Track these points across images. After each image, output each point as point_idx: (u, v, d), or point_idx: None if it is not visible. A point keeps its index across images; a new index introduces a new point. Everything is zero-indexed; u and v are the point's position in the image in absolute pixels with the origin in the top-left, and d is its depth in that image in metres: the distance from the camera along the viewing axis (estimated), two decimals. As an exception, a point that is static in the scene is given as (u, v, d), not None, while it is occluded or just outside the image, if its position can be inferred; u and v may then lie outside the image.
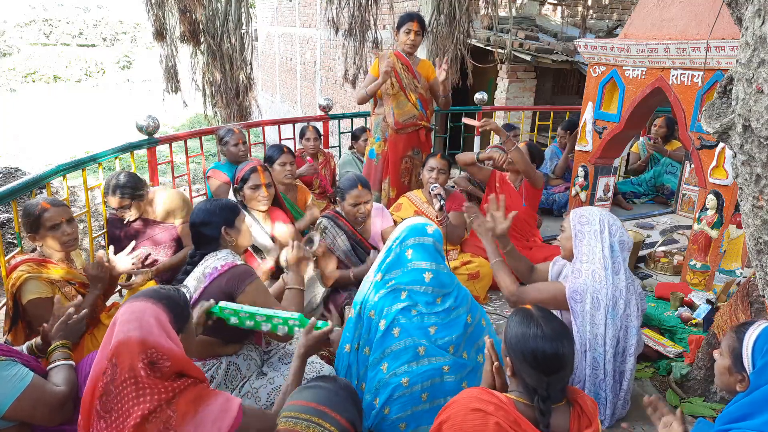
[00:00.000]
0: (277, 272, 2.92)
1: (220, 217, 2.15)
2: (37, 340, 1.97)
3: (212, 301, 1.87)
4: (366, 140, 4.66)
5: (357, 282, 2.94)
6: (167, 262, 2.95)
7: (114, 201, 2.85)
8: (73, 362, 1.86)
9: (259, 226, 2.91)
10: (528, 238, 3.71)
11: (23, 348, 1.93)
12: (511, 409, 1.47)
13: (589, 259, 2.18)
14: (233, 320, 1.86)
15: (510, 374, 1.55)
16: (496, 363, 1.67)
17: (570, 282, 2.19)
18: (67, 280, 2.34)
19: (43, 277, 2.24)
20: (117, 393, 1.39)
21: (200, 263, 2.09)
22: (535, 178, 3.57)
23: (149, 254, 2.94)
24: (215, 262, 2.04)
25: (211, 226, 2.13)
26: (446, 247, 3.29)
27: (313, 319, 1.81)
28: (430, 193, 3.32)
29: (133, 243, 2.60)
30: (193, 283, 2.03)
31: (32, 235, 2.31)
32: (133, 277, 2.72)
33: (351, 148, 4.88)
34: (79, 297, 2.30)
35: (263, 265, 2.86)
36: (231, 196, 2.97)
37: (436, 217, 3.29)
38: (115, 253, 2.52)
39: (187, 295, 1.76)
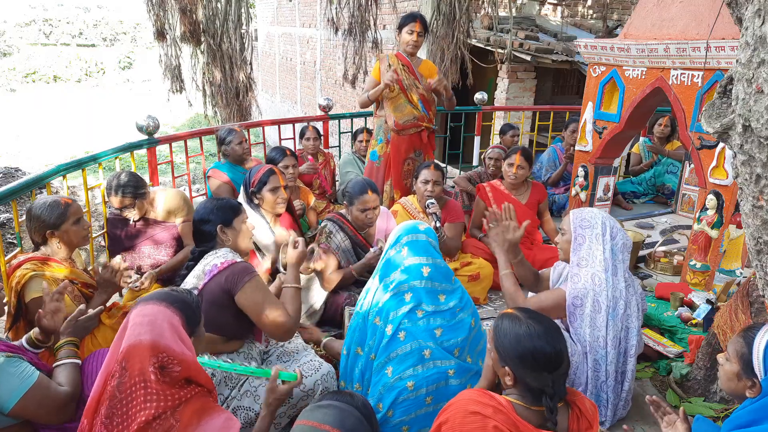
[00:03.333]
0: (272, 273, 2.92)
1: (218, 216, 2.17)
2: (36, 330, 1.96)
3: None
4: (362, 141, 4.66)
5: (358, 280, 2.94)
6: (170, 263, 2.96)
7: (116, 201, 2.84)
8: (79, 361, 1.86)
9: (267, 227, 2.90)
10: (531, 240, 3.71)
11: (23, 340, 1.93)
12: (510, 412, 1.45)
13: (589, 263, 2.17)
14: None
15: (511, 383, 1.52)
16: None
17: (570, 287, 2.19)
18: (71, 279, 2.33)
19: (47, 275, 2.24)
20: (123, 398, 1.37)
21: (201, 261, 2.09)
22: (552, 229, 3.73)
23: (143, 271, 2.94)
24: (215, 259, 2.04)
25: (209, 224, 2.16)
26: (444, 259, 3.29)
27: (275, 369, 1.72)
28: (425, 209, 3.27)
29: (127, 263, 2.57)
30: (193, 281, 2.04)
31: (51, 232, 2.30)
32: (134, 278, 2.72)
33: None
34: (81, 300, 2.30)
35: (261, 266, 2.85)
36: (241, 198, 2.94)
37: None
38: (112, 257, 2.51)
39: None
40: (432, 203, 3.19)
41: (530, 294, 2.54)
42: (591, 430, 1.52)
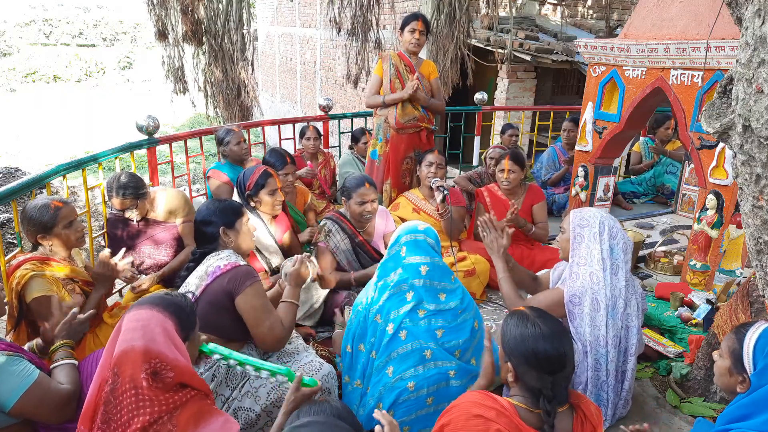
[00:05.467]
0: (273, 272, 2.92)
1: (221, 218, 2.17)
2: (38, 340, 1.97)
3: (205, 336, 1.79)
4: (366, 143, 4.66)
5: (357, 285, 2.94)
6: (172, 264, 2.97)
7: (117, 202, 2.84)
8: (76, 361, 1.86)
9: (265, 228, 2.91)
10: (531, 241, 3.71)
11: (24, 348, 1.93)
12: (513, 415, 1.44)
13: (587, 262, 2.18)
14: (217, 357, 1.76)
15: (512, 380, 1.52)
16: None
17: (568, 286, 2.19)
18: (71, 277, 2.34)
19: (47, 275, 2.24)
20: (117, 403, 1.37)
21: (203, 262, 2.10)
22: (542, 235, 3.65)
23: (142, 262, 2.94)
24: (218, 261, 2.04)
25: (211, 225, 2.16)
26: (449, 243, 3.30)
27: (299, 374, 1.71)
28: (431, 187, 3.31)
29: (123, 251, 2.57)
30: (195, 281, 2.04)
31: (42, 236, 2.30)
32: (141, 278, 2.73)
33: (351, 147, 4.89)
34: (80, 297, 2.30)
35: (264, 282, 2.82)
36: (236, 197, 2.94)
37: (437, 210, 3.28)
38: (113, 255, 2.51)
39: (191, 297, 1.74)
40: (437, 180, 3.30)
41: (528, 296, 2.54)
42: None
